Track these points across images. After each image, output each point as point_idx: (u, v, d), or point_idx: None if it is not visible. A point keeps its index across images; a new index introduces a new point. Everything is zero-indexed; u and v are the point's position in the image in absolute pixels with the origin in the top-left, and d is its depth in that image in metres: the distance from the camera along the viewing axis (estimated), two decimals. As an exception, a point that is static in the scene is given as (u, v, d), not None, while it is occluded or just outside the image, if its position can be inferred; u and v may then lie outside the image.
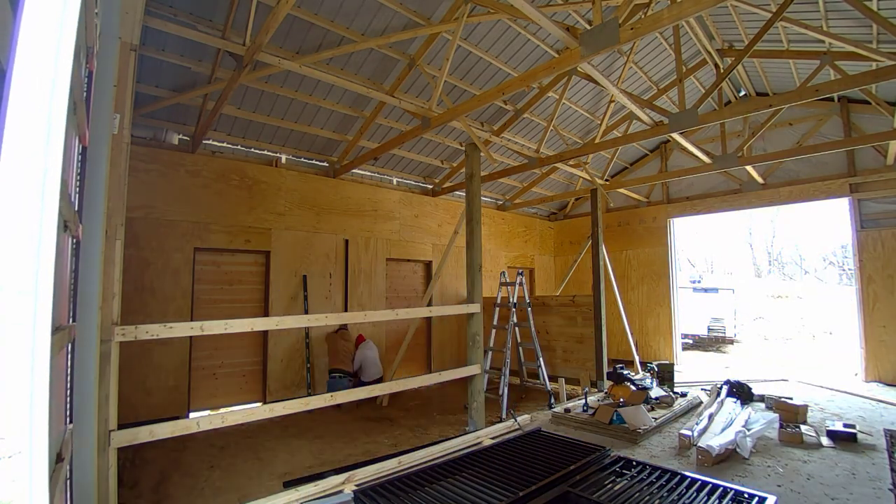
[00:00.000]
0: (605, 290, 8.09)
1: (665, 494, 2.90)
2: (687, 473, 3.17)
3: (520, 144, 8.61)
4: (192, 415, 6.26)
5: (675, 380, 7.31)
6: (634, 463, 3.43)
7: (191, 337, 6.47)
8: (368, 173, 8.86)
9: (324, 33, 5.66)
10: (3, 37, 0.98)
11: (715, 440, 4.51)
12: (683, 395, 6.70)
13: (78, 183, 2.63)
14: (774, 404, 5.82)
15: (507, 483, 3.08)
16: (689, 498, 2.85)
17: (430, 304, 8.56)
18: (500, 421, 5.60)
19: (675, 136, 6.46)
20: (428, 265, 9.83)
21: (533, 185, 11.11)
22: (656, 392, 6.46)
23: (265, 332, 7.01)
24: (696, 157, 7.35)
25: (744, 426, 4.96)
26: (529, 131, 9.05)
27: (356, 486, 3.77)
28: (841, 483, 3.87)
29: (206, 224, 6.56)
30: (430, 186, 9.96)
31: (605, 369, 7.46)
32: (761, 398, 6.47)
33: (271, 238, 7.22)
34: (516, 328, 7.37)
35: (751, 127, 8.66)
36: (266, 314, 7.04)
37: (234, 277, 7.00)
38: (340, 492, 3.57)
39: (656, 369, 7.34)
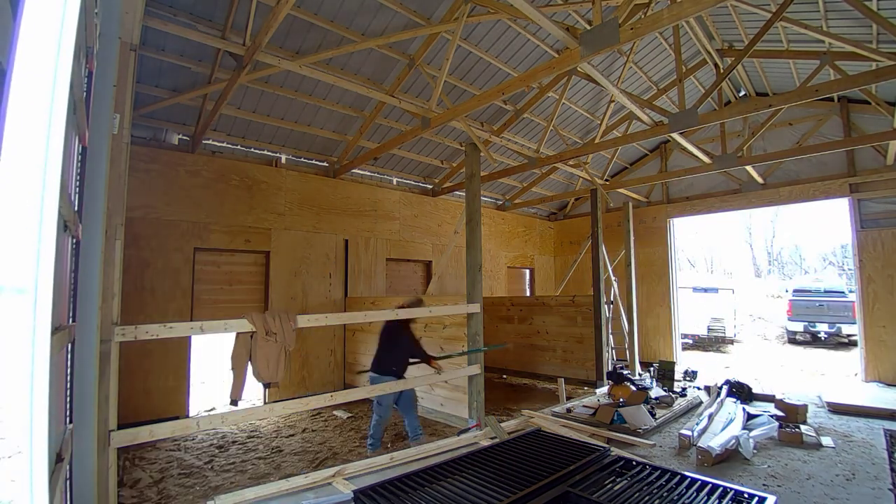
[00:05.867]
0: (604, 291, 8.08)
1: (665, 494, 2.90)
2: (687, 473, 3.16)
3: (520, 144, 8.61)
4: (191, 414, 6.26)
5: (675, 378, 7.31)
6: (634, 463, 3.42)
7: (190, 337, 6.48)
8: (368, 173, 8.86)
9: (324, 33, 5.66)
10: (3, 37, 0.98)
11: (715, 440, 4.51)
12: (683, 395, 6.71)
13: (78, 183, 2.63)
14: (775, 403, 5.81)
15: (507, 483, 3.08)
16: (689, 498, 2.85)
17: (430, 304, 8.56)
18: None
19: (675, 136, 6.46)
20: (428, 265, 9.83)
21: (533, 185, 11.11)
22: (656, 392, 6.46)
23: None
24: (696, 157, 7.35)
25: (744, 427, 4.96)
26: (529, 131, 9.05)
27: (345, 478, 3.78)
28: (841, 483, 3.87)
29: (206, 224, 6.56)
30: (430, 186, 9.96)
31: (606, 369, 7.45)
32: (761, 397, 6.47)
33: (271, 238, 7.22)
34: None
35: (751, 127, 8.66)
36: (266, 314, 7.03)
37: (234, 277, 7.00)
38: (339, 492, 3.58)
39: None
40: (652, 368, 7.81)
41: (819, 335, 13.01)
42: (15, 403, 0.85)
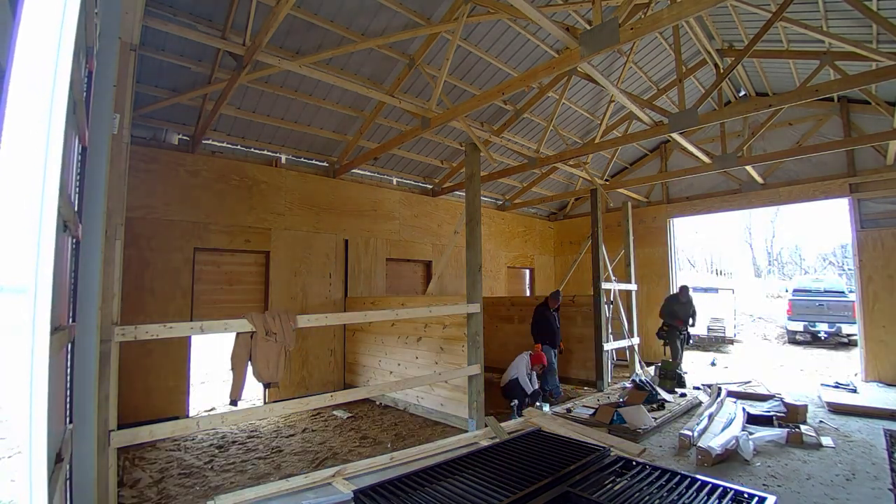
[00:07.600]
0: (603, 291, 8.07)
1: (665, 494, 2.90)
2: (687, 473, 3.16)
3: (520, 144, 8.61)
4: (191, 414, 6.26)
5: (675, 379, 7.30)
6: (634, 463, 3.43)
7: (190, 337, 6.48)
8: (368, 173, 8.86)
9: (324, 33, 5.66)
10: (2, 37, 0.98)
11: (715, 441, 4.51)
12: (683, 394, 6.71)
13: (78, 183, 2.63)
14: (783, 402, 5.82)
15: (507, 483, 3.08)
16: (688, 498, 2.85)
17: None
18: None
19: (675, 136, 6.46)
20: (428, 265, 9.83)
21: (533, 185, 11.11)
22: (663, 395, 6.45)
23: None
24: (696, 157, 7.35)
25: (744, 429, 4.96)
26: (529, 131, 9.05)
27: (345, 478, 3.77)
28: (841, 483, 3.87)
29: (206, 224, 6.55)
30: (430, 186, 9.95)
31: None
32: (759, 396, 6.46)
33: (271, 238, 7.22)
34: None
35: (751, 127, 8.66)
36: (266, 314, 7.03)
37: (234, 277, 7.00)
38: (339, 492, 3.58)
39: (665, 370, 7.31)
40: (654, 368, 7.81)
41: (819, 335, 13.20)
42: (15, 403, 0.85)
